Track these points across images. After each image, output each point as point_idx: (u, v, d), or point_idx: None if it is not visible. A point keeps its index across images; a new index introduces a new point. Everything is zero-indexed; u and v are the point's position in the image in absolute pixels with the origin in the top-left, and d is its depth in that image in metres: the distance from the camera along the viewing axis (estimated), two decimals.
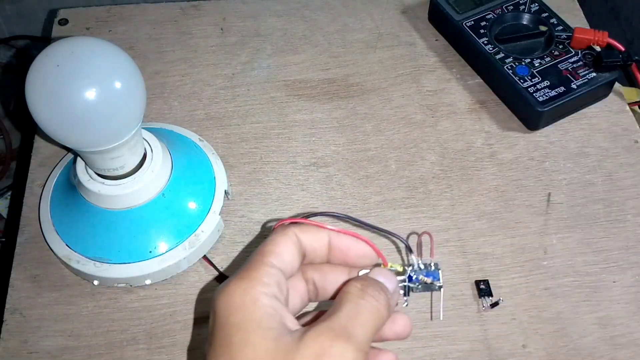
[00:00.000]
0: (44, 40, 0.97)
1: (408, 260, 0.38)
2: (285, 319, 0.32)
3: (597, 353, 0.47)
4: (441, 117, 0.60)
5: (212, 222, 0.51)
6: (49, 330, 0.48)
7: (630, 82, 0.62)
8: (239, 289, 0.32)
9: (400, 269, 0.38)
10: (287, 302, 0.34)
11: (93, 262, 0.49)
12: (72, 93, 0.40)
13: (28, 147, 0.58)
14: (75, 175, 0.49)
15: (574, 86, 0.57)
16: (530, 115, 0.58)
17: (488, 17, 0.62)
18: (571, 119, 0.60)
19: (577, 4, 0.68)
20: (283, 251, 0.34)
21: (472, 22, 0.62)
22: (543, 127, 0.59)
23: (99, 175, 0.48)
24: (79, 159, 0.49)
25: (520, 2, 0.63)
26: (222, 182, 0.53)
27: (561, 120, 0.59)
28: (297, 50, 0.65)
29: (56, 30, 0.66)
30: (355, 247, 0.36)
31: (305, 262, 0.36)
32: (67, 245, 0.49)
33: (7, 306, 0.49)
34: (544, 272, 0.51)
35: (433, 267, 0.38)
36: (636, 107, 0.62)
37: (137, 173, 0.48)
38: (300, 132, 0.59)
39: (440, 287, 0.38)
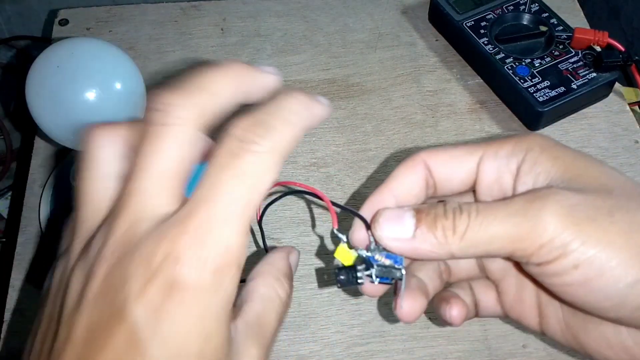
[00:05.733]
0: (45, 40, 0.96)
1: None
2: None
3: None
4: (441, 117, 0.60)
5: None
6: None
7: (629, 82, 0.62)
8: None
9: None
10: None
11: None
12: (72, 94, 0.40)
13: (28, 147, 0.58)
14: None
15: (574, 86, 0.57)
16: (531, 115, 0.58)
17: (488, 17, 0.62)
18: (571, 119, 0.60)
19: (577, 4, 0.68)
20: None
21: (472, 22, 0.62)
22: (543, 127, 0.59)
23: None
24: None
25: (521, 2, 0.63)
26: None
27: (561, 120, 0.59)
28: (297, 50, 0.65)
29: (56, 30, 0.66)
30: None
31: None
32: None
33: (7, 306, 0.49)
34: None
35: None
36: (636, 107, 0.62)
37: None
38: None
39: (401, 275, 0.30)
